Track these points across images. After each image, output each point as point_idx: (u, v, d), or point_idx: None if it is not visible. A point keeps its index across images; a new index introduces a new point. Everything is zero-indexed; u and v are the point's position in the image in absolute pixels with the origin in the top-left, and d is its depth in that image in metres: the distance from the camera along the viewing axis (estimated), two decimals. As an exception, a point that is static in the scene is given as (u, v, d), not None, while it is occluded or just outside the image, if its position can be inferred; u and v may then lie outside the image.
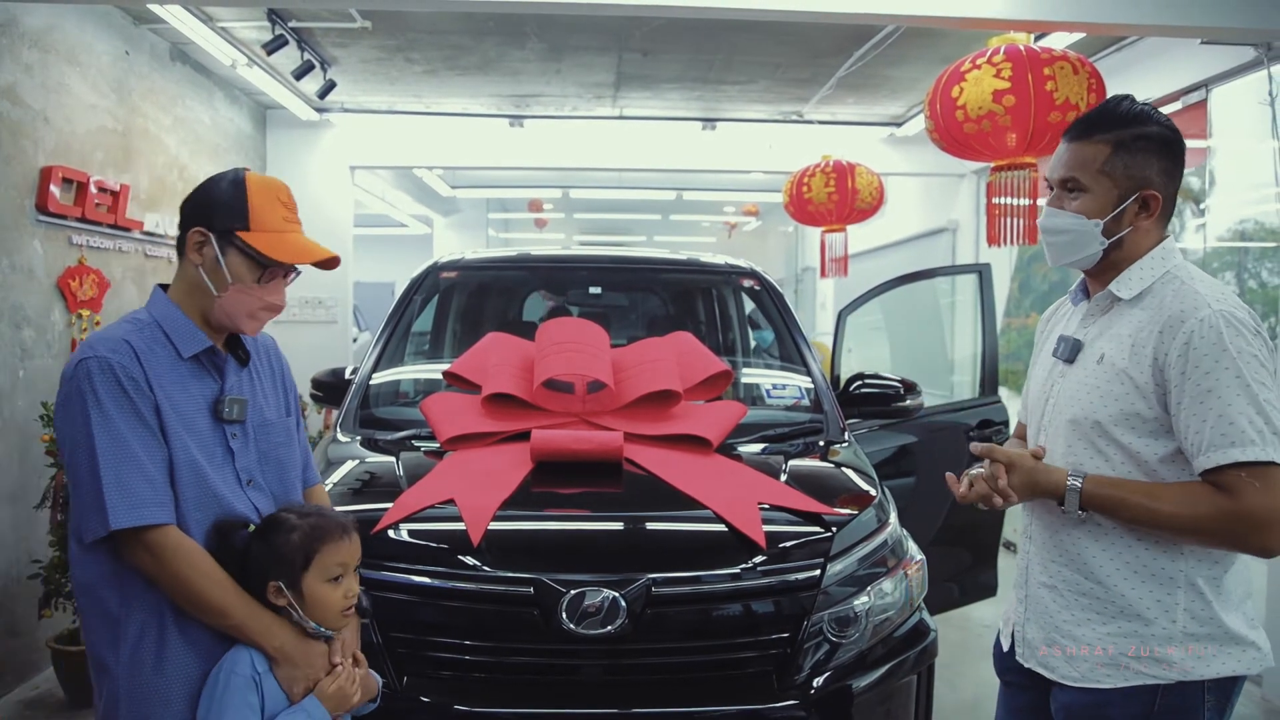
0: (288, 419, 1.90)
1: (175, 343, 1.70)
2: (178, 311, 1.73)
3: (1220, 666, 1.61)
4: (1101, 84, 3.68)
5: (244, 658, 1.65)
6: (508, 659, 2.14)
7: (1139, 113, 1.68)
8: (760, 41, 5.32)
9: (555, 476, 2.51)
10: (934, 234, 8.03)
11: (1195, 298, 1.59)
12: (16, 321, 3.95)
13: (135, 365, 1.63)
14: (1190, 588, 1.62)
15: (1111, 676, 1.65)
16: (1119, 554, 1.66)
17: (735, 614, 2.20)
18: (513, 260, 4.16)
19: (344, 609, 1.72)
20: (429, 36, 5.32)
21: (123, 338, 1.66)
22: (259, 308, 1.75)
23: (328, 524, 1.72)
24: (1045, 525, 1.77)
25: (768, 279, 3.74)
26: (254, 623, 1.65)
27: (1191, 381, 1.55)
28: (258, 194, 1.72)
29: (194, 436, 1.68)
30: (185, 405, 1.68)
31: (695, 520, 2.33)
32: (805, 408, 3.30)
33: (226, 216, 1.70)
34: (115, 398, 1.60)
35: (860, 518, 2.41)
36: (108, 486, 1.57)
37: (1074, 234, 1.70)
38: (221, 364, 1.77)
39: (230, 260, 1.70)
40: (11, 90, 3.91)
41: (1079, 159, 1.69)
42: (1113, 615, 1.66)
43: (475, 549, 2.15)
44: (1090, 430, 1.68)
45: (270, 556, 1.67)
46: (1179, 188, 1.71)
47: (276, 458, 1.84)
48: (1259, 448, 1.51)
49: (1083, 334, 1.76)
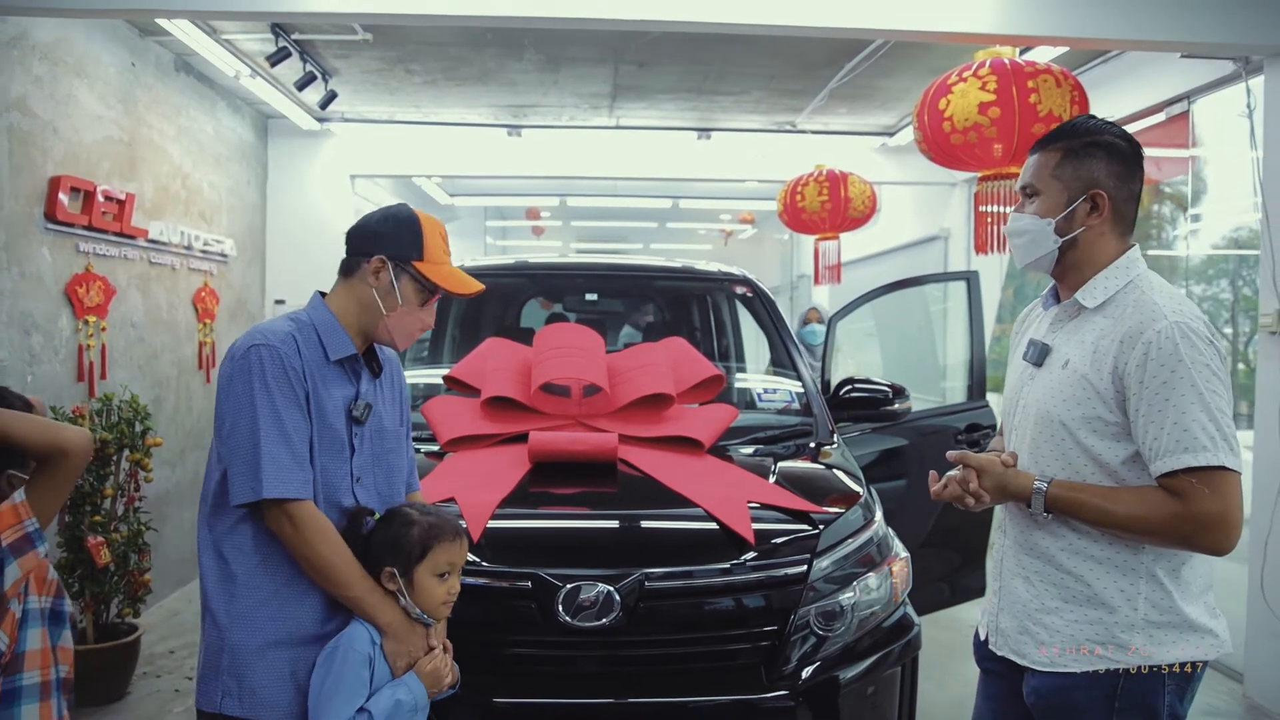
0: (400, 428, 2.09)
1: (326, 345, 1.90)
2: (334, 319, 1.93)
3: (1180, 653, 1.71)
4: (1084, 96, 3.79)
5: (362, 635, 1.82)
6: (506, 650, 2.22)
7: (1093, 126, 1.81)
8: (754, 53, 5.43)
9: (552, 476, 2.60)
10: (926, 242, 8.13)
11: (1154, 309, 1.69)
12: (25, 328, 4.04)
13: (296, 357, 1.84)
14: (1151, 578, 1.72)
15: (1078, 661, 1.75)
16: (1085, 547, 1.76)
17: (725, 607, 2.29)
18: (511, 268, 4.25)
19: (445, 601, 1.88)
20: (428, 48, 5.43)
21: (288, 332, 1.86)
22: (418, 328, 1.99)
23: (445, 525, 1.90)
24: (1018, 521, 1.87)
25: (760, 285, 3.83)
26: (371, 597, 1.83)
27: (1149, 390, 1.65)
28: (430, 233, 1.96)
29: (328, 429, 1.88)
30: (326, 401, 1.88)
31: (687, 518, 2.42)
32: (795, 411, 3.39)
33: (405, 248, 1.93)
34: (279, 381, 1.80)
35: (847, 516, 2.49)
36: (265, 458, 1.75)
37: (1031, 234, 1.83)
38: (360, 371, 1.97)
39: (403, 286, 1.92)
40: (22, 102, 4.01)
41: (1036, 166, 1.84)
42: (1079, 604, 1.76)
43: (475, 545, 2.23)
44: (1056, 432, 1.78)
45: (390, 545, 1.86)
46: (1136, 195, 1.82)
47: (387, 462, 2.03)
48: (1210, 453, 1.60)
49: (1050, 339, 1.86)
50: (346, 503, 1.90)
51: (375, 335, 1.97)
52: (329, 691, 1.78)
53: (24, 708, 1.73)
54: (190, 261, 5.59)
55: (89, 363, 4.47)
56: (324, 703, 1.78)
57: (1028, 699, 1.84)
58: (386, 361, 2.09)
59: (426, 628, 1.89)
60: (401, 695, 1.81)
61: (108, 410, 4.02)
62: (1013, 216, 1.87)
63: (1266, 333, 3.98)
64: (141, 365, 5.03)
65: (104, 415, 4.00)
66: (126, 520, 4.00)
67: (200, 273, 5.75)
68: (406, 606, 1.86)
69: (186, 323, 5.59)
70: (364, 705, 1.78)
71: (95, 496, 3.86)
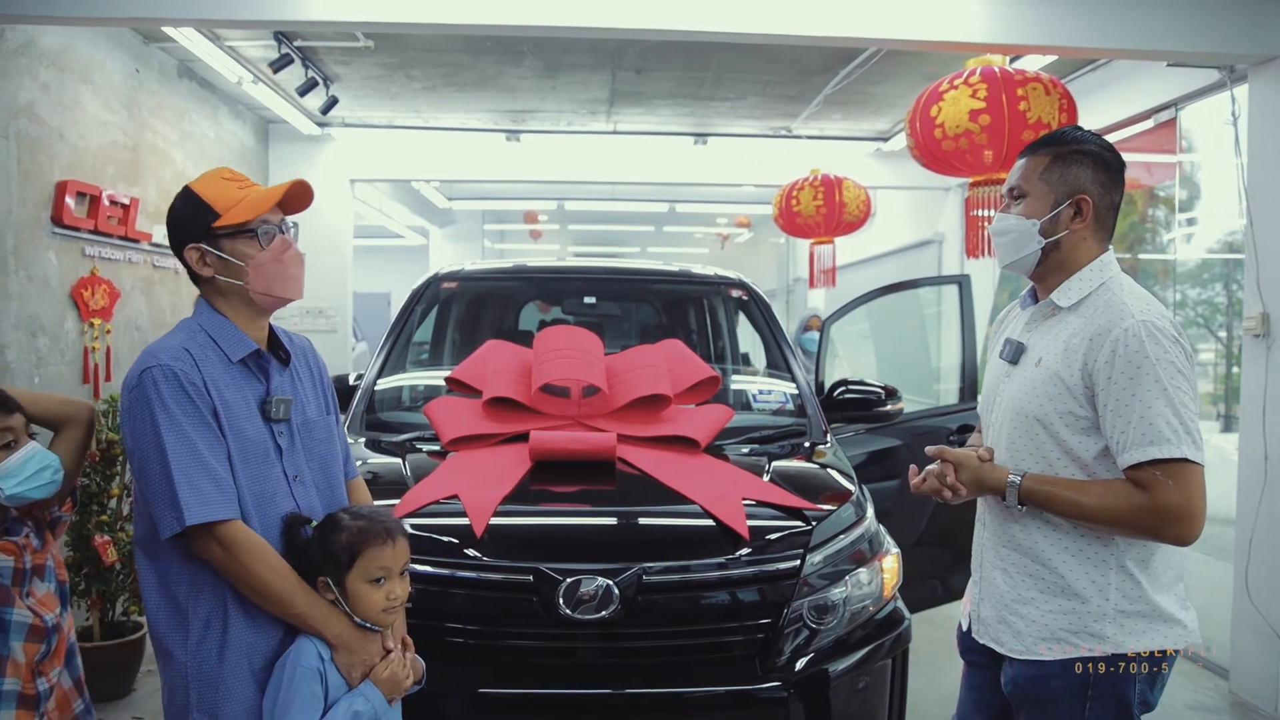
0: (328, 416, 2.01)
1: (224, 348, 1.81)
2: (222, 319, 1.83)
3: (1149, 641, 1.78)
4: (1073, 104, 3.87)
5: (309, 650, 1.76)
6: (509, 642, 2.29)
7: (1079, 135, 1.89)
8: (749, 60, 5.51)
9: (552, 475, 2.67)
10: (920, 245, 8.22)
11: (1122, 308, 1.77)
12: (33, 330, 4.11)
13: (195, 371, 1.74)
14: (1121, 569, 1.80)
15: (1052, 650, 1.82)
16: (1059, 539, 1.84)
17: (721, 601, 2.36)
18: (510, 271, 4.32)
19: (385, 608, 1.81)
20: (429, 55, 5.50)
21: (181, 345, 1.76)
22: (281, 268, 1.84)
23: (373, 528, 1.82)
24: (996, 515, 1.95)
25: (755, 289, 3.90)
26: (314, 611, 1.76)
27: (1116, 385, 1.73)
28: (206, 189, 1.83)
29: (246, 436, 1.79)
30: (238, 406, 1.79)
31: (684, 515, 2.49)
32: (790, 412, 3.46)
33: (199, 219, 1.80)
34: (180, 402, 1.70)
35: (839, 513, 2.56)
36: (179, 486, 1.66)
37: (1015, 234, 1.90)
38: (266, 366, 1.87)
39: (228, 249, 1.80)
40: (30, 108, 4.08)
41: (1023, 170, 1.92)
42: (1054, 594, 1.84)
43: (478, 541, 2.30)
44: (1030, 427, 1.86)
45: (322, 553, 1.80)
46: (1116, 205, 1.90)
47: (320, 454, 1.95)
48: (1174, 445, 1.68)
49: (1026, 338, 1.94)
50: (287, 506, 1.83)
51: (262, 306, 1.86)
52: (280, 711, 1.73)
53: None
54: (193, 265, 5.65)
55: (94, 365, 4.54)
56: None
57: (1005, 687, 1.91)
58: (297, 349, 1.99)
59: (378, 633, 1.84)
60: (359, 706, 1.77)
61: (113, 411, 4.08)
62: (998, 217, 1.94)
63: (1251, 335, 4.06)
64: (145, 367, 5.09)
65: (109, 416, 4.05)
66: (131, 520, 4.05)
67: (202, 276, 5.81)
68: (349, 615, 1.79)
69: (189, 325, 5.65)
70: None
71: (102, 496, 3.92)
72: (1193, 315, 5.16)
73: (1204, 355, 5.06)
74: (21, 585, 1.70)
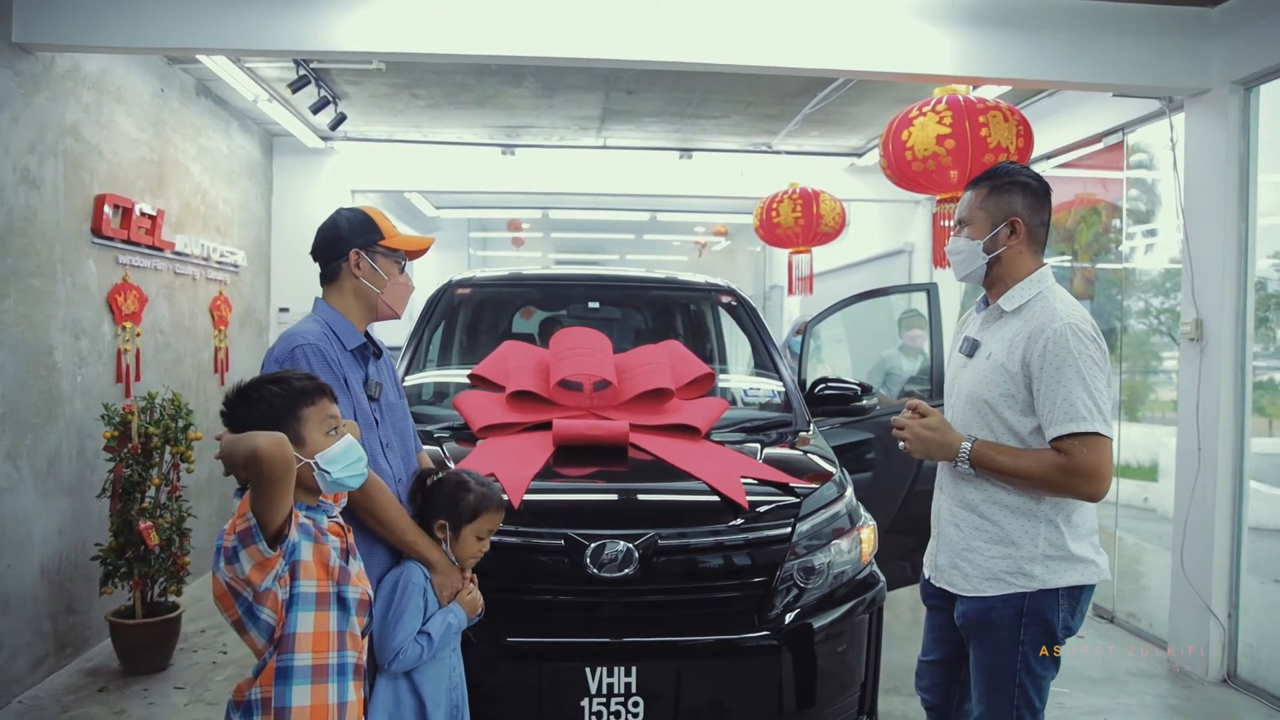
0: (401, 400, 2.49)
1: (341, 338, 2.27)
2: (340, 316, 2.31)
3: (1069, 578, 2.22)
4: (1029, 129, 4.30)
5: (417, 571, 2.25)
6: (543, 597, 2.67)
7: (1012, 169, 2.35)
8: (734, 83, 5.92)
9: (574, 457, 3.05)
10: (892, 255, 8.66)
11: (1053, 313, 2.21)
12: (75, 333, 4.42)
13: (333, 350, 2.21)
14: (1049, 523, 2.23)
15: (993, 586, 2.26)
16: (1001, 498, 2.27)
17: (722, 563, 2.75)
18: (520, 278, 4.70)
19: (475, 556, 2.33)
20: (434, 75, 5.86)
21: (320, 330, 2.23)
22: (406, 292, 2.38)
23: (495, 498, 2.33)
24: (951, 480, 2.38)
25: (743, 295, 4.30)
26: (423, 540, 2.26)
27: (1046, 374, 2.16)
28: (375, 215, 2.37)
29: (361, 407, 2.24)
30: (354, 384, 2.25)
31: (690, 490, 2.88)
32: (777, 406, 3.87)
33: (367, 235, 2.33)
34: (324, 373, 2.12)
35: (823, 490, 2.97)
36: None
37: (965, 253, 2.35)
38: (367, 355, 2.35)
39: (381, 263, 2.33)
40: (75, 128, 4.41)
41: (969, 202, 2.37)
42: (995, 542, 2.27)
43: (515, 511, 2.67)
44: (981, 408, 2.29)
45: (447, 502, 2.28)
46: (1046, 223, 2.34)
47: (400, 429, 2.43)
48: (1089, 421, 2.12)
49: (980, 335, 2.38)
50: (381, 466, 2.25)
51: (378, 314, 2.35)
52: (394, 616, 2.18)
53: (294, 687, 1.80)
54: (208, 272, 5.98)
55: (126, 365, 4.86)
56: (390, 626, 2.18)
57: (957, 620, 2.34)
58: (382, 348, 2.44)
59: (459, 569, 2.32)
60: (451, 619, 2.26)
61: (151, 408, 4.41)
62: (951, 240, 2.41)
63: (1186, 339, 4.51)
64: (168, 368, 5.41)
65: (148, 412, 4.38)
66: (169, 507, 4.39)
67: (216, 282, 6.14)
68: (446, 552, 2.28)
69: (204, 329, 5.97)
70: (423, 628, 2.21)
71: (144, 485, 4.25)
72: (1155, 324, 5.45)
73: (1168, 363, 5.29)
74: (347, 563, 1.91)
